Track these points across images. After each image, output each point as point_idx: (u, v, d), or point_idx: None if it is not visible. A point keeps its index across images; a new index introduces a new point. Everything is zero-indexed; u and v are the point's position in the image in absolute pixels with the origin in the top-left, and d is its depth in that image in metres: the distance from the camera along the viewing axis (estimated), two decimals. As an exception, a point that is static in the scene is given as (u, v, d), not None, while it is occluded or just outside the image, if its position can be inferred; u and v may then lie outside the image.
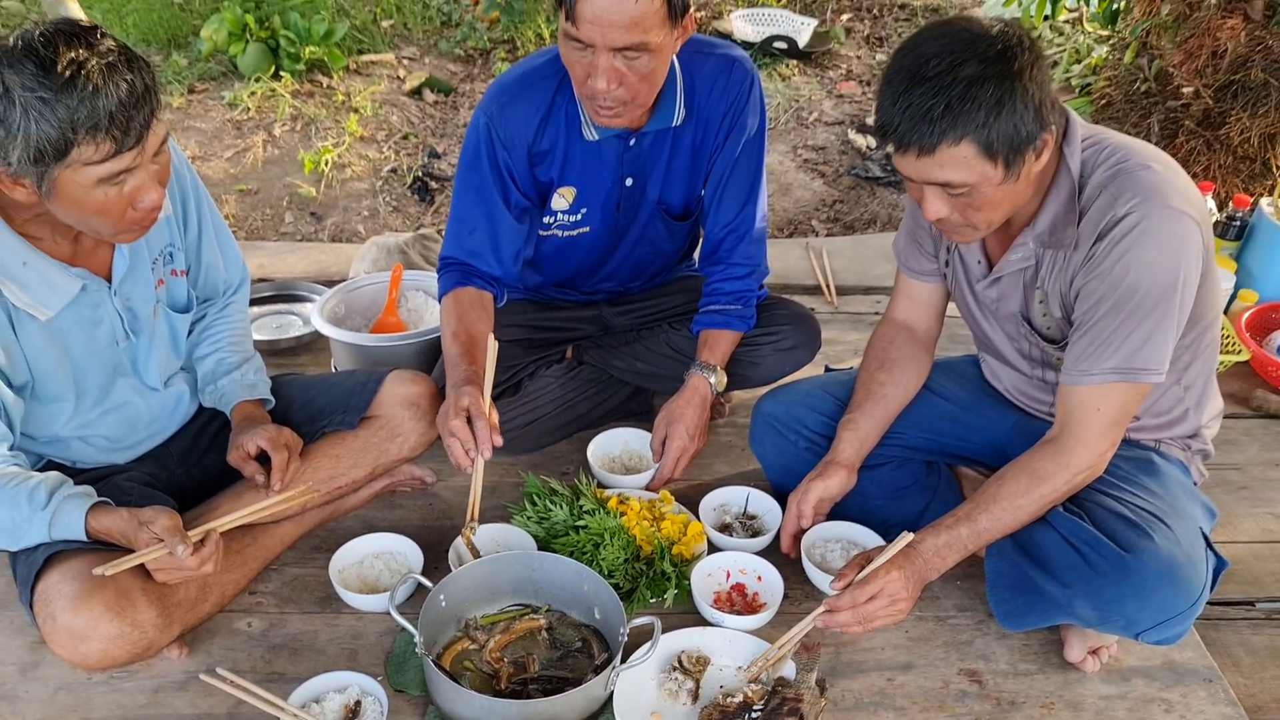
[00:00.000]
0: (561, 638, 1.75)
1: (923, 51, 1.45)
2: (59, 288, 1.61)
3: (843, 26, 5.37)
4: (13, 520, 1.59)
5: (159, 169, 1.53)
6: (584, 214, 2.07)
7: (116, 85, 1.40)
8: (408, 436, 1.99)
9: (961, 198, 1.51)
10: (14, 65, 1.37)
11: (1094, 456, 1.63)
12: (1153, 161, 1.56)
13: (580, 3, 1.65)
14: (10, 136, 1.39)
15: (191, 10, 5.07)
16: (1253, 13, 3.02)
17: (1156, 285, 1.53)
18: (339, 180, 3.88)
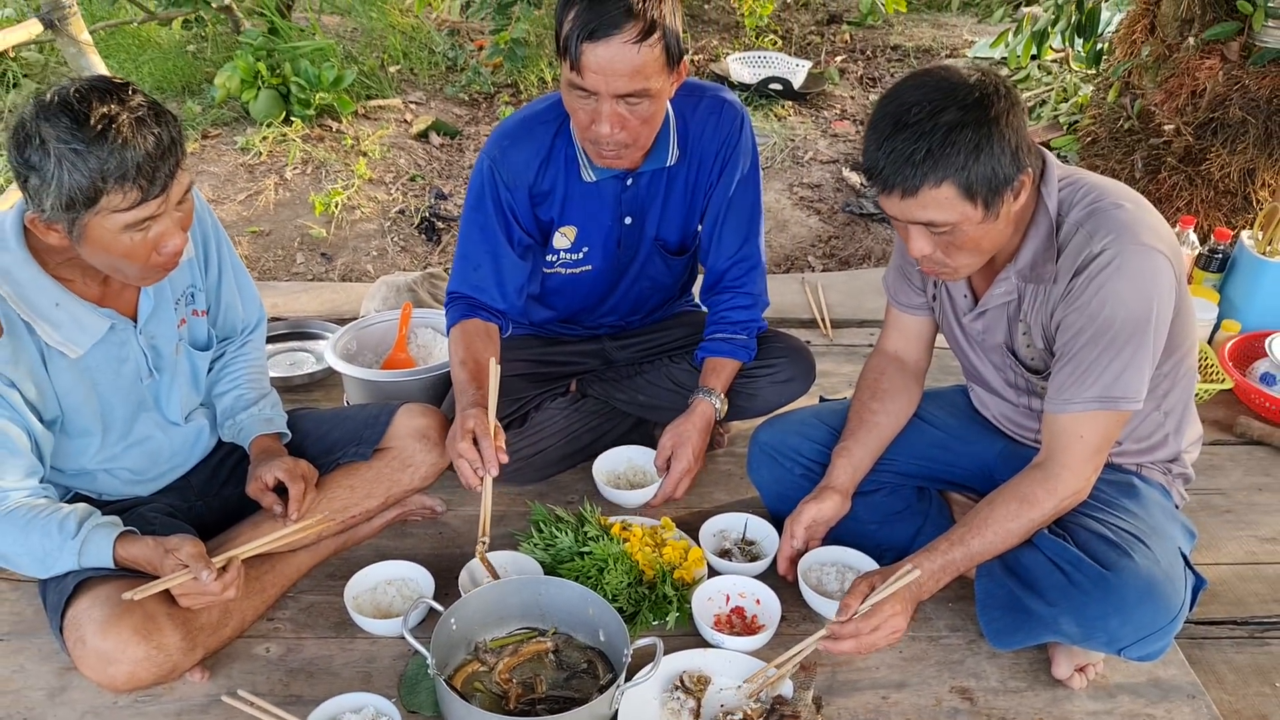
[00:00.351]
0: (568, 659, 1.81)
1: (905, 100, 1.54)
2: (88, 327, 1.70)
3: (836, 68, 5.51)
4: (44, 549, 1.67)
5: (182, 216, 1.62)
6: (585, 252, 2.16)
7: (144, 138, 1.49)
8: (419, 467, 2.06)
9: (944, 236, 1.60)
10: (50, 119, 1.47)
11: (1079, 481, 1.71)
12: (1125, 200, 1.66)
13: (584, 53, 1.75)
14: (45, 185, 1.48)
15: (205, 59, 5.22)
16: (1229, 54, 3.13)
17: (1131, 318, 1.61)
18: (348, 221, 3.99)
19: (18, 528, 1.66)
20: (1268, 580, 2.11)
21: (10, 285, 1.61)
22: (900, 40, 5.96)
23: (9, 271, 1.61)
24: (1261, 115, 3.08)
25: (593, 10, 1.74)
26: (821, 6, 6.45)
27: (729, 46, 5.71)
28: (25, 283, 1.62)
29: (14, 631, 1.90)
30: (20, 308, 1.62)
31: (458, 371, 2.04)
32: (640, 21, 1.74)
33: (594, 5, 1.74)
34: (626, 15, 1.73)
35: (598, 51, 1.75)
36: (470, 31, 5.68)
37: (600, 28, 1.73)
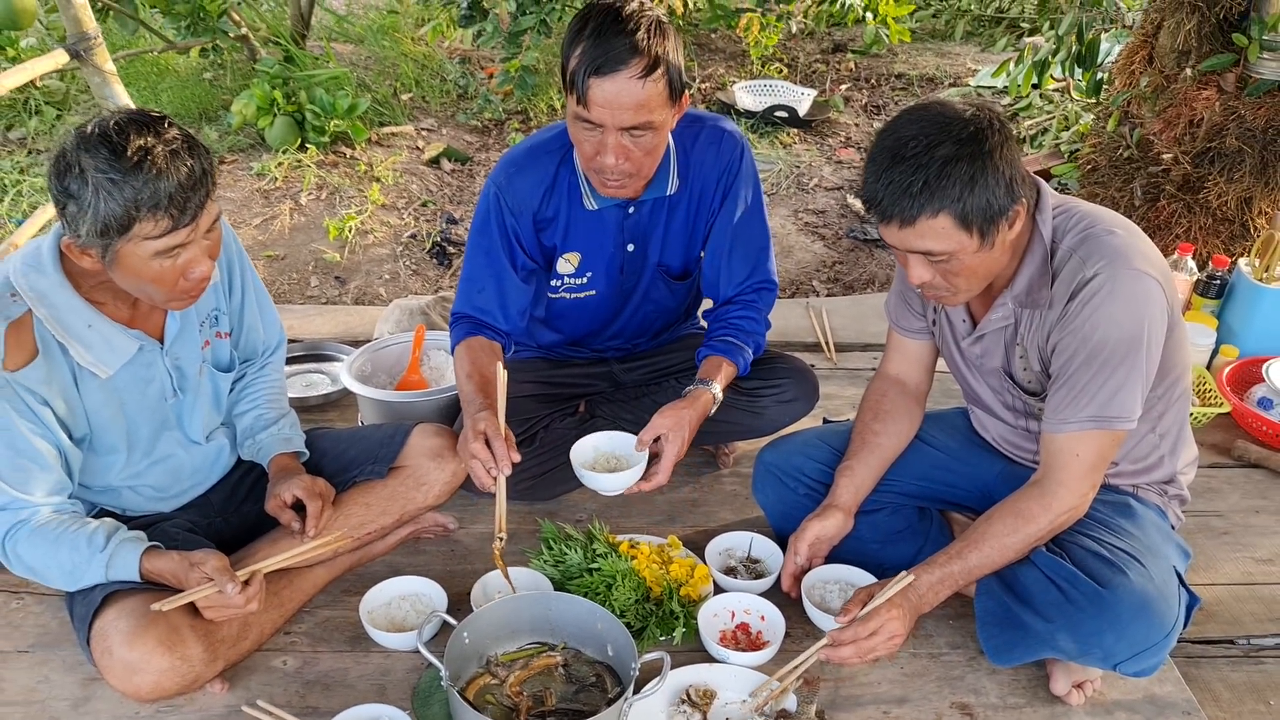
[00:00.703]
0: (577, 673, 1.86)
1: (902, 134, 1.61)
2: (118, 348, 1.76)
3: (841, 96, 5.59)
4: (73, 563, 1.73)
5: (210, 244, 1.69)
6: (589, 277, 2.23)
7: (177, 170, 1.56)
8: (432, 485, 2.11)
9: (942, 264, 1.66)
10: (90, 150, 1.54)
11: (1075, 498, 1.76)
12: (1117, 227, 1.72)
13: (591, 88, 1.82)
14: (82, 212, 1.55)
15: (222, 86, 5.33)
16: (1225, 85, 3.20)
17: (1124, 340, 1.67)
18: (362, 246, 4.07)
19: (47, 542, 1.72)
20: (1263, 600, 2.15)
21: (46, 307, 1.68)
22: (904, 69, 6.05)
23: (45, 295, 1.68)
24: (1258, 144, 3.14)
25: (599, 47, 1.81)
26: (827, 35, 6.55)
27: (735, 75, 5.80)
28: (60, 305, 1.69)
29: (39, 644, 1.95)
30: (55, 329, 1.69)
31: (464, 384, 2.08)
32: (645, 58, 1.81)
33: (600, 42, 1.81)
34: (632, 51, 1.80)
35: (604, 86, 1.82)
36: (481, 60, 5.78)
37: (606, 64, 1.80)
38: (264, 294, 2.09)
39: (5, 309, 1.66)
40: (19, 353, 1.66)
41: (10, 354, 1.65)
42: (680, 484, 2.45)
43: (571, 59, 1.85)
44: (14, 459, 1.68)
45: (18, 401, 1.67)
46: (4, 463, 1.68)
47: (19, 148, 4.83)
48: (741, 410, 2.28)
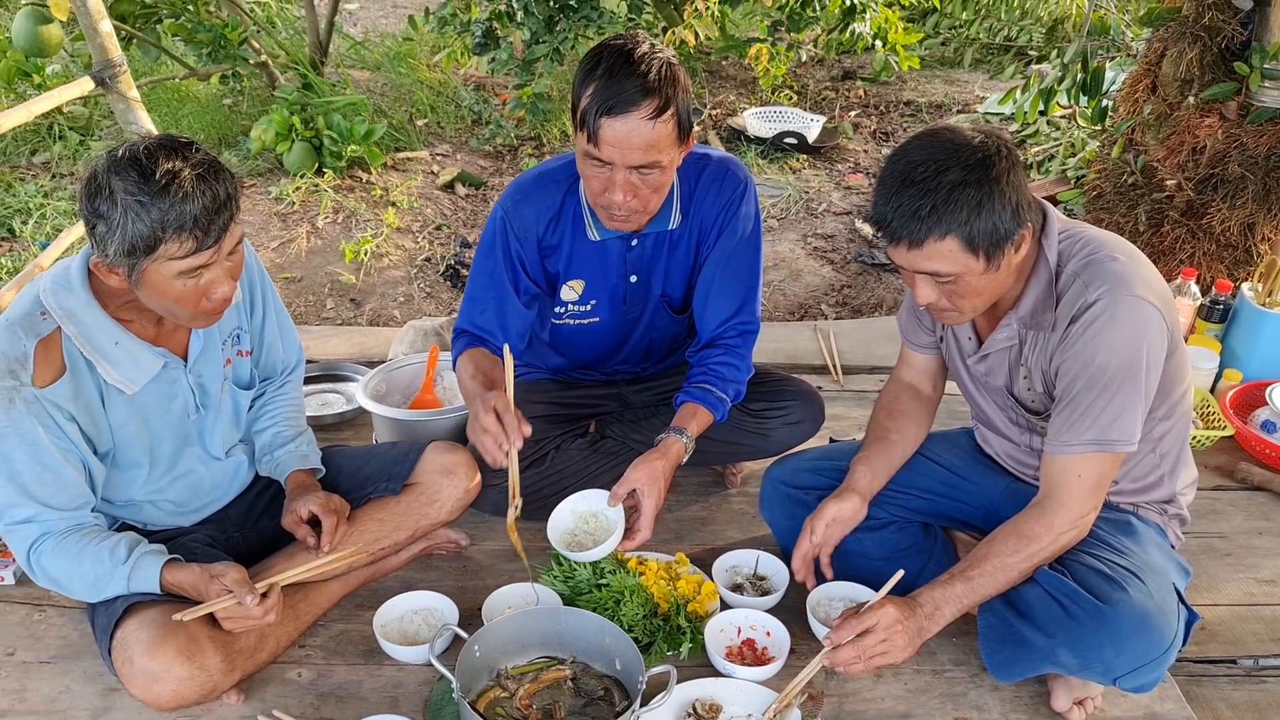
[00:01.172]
0: (585, 687, 1.89)
1: (912, 159, 1.66)
2: (144, 365, 1.82)
3: (850, 122, 5.66)
4: (95, 574, 1.77)
5: (233, 266, 1.74)
6: (593, 305, 2.27)
7: (203, 193, 1.61)
8: (445, 501, 2.16)
9: (948, 285, 1.71)
10: (120, 172, 1.60)
11: (1076, 517, 1.79)
12: (1120, 254, 1.76)
13: (602, 128, 1.86)
14: (110, 231, 1.61)
15: (241, 112, 5.43)
16: (1228, 113, 3.25)
17: (1124, 364, 1.71)
18: (377, 268, 4.14)
19: (71, 555, 1.77)
20: (1266, 621, 2.17)
21: (75, 325, 1.73)
22: (913, 96, 6.12)
23: (74, 313, 1.74)
24: (1260, 172, 3.18)
25: (611, 88, 1.85)
26: (836, 63, 6.63)
27: (746, 102, 5.88)
28: (88, 323, 1.74)
29: (60, 655, 2.00)
30: (83, 346, 1.74)
31: (468, 384, 2.08)
32: (656, 99, 1.86)
33: (612, 83, 1.85)
34: (643, 93, 1.85)
35: (615, 126, 1.86)
36: (495, 86, 5.88)
37: (618, 105, 1.85)
38: (284, 314, 2.15)
39: (35, 326, 1.72)
40: (47, 369, 1.72)
41: (39, 370, 1.71)
42: (688, 503, 2.49)
43: (583, 98, 1.89)
44: (40, 473, 1.74)
45: (45, 417, 1.72)
46: (31, 477, 1.73)
47: (43, 172, 4.93)
48: (749, 432, 2.32)
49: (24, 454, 1.72)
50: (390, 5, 8.51)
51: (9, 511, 1.75)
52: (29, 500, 1.74)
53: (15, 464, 1.73)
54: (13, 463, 1.73)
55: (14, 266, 4.05)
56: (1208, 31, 3.25)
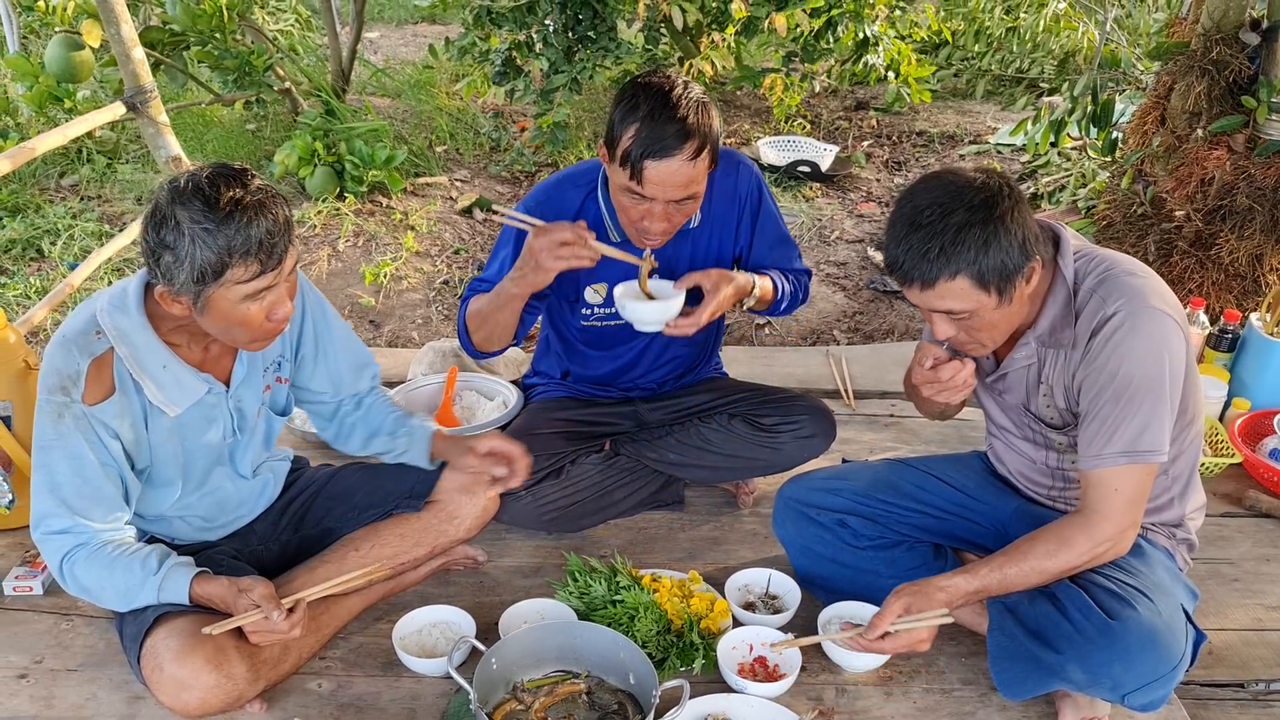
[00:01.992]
0: (600, 700, 1.93)
1: (918, 203, 1.72)
2: (188, 389, 1.86)
3: (863, 152, 5.73)
4: (127, 585, 1.82)
5: (290, 285, 1.79)
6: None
7: (264, 217, 1.66)
8: (464, 519, 2.20)
9: (964, 321, 1.77)
10: (185, 203, 1.64)
11: (1116, 530, 1.81)
12: (1136, 271, 1.82)
13: (646, 169, 1.97)
14: (178, 261, 1.65)
15: (264, 137, 5.54)
16: (1235, 145, 3.30)
17: (1147, 374, 1.75)
18: (396, 291, 4.21)
19: (103, 565, 1.82)
20: (1273, 646, 2.19)
21: (127, 346, 1.79)
22: (925, 126, 6.19)
23: (127, 334, 1.79)
24: (1267, 203, 3.23)
25: (654, 132, 1.95)
26: (850, 94, 6.71)
27: (760, 131, 5.96)
28: (140, 345, 1.80)
29: (87, 663, 2.05)
30: (133, 367, 1.80)
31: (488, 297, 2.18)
32: (695, 140, 1.97)
33: (655, 127, 1.95)
34: (683, 138, 1.95)
35: (658, 169, 1.97)
36: (514, 114, 5.98)
37: (660, 150, 1.95)
38: (347, 330, 2.18)
39: (90, 346, 1.77)
40: (98, 388, 1.78)
41: (90, 388, 1.76)
42: (701, 522, 2.53)
43: (625, 137, 1.98)
44: (81, 486, 1.79)
45: (91, 434, 1.78)
46: (71, 489, 1.79)
47: (71, 194, 5.04)
48: (761, 446, 2.37)
49: (68, 467, 1.78)
50: (411, 34, 8.67)
51: (46, 520, 1.81)
52: (67, 512, 1.79)
53: (57, 476, 1.78)
54: (55, 474, 1.78)
55: (43, 286, 4.14)
56: (1215, 65, 3.31)
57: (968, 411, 3.02)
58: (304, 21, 7.41)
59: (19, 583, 2.22)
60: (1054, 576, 1.83)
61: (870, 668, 2.02)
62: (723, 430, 2.41)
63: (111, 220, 4.77)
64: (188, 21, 4.80)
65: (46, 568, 2.23)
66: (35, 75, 4.56)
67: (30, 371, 2.36)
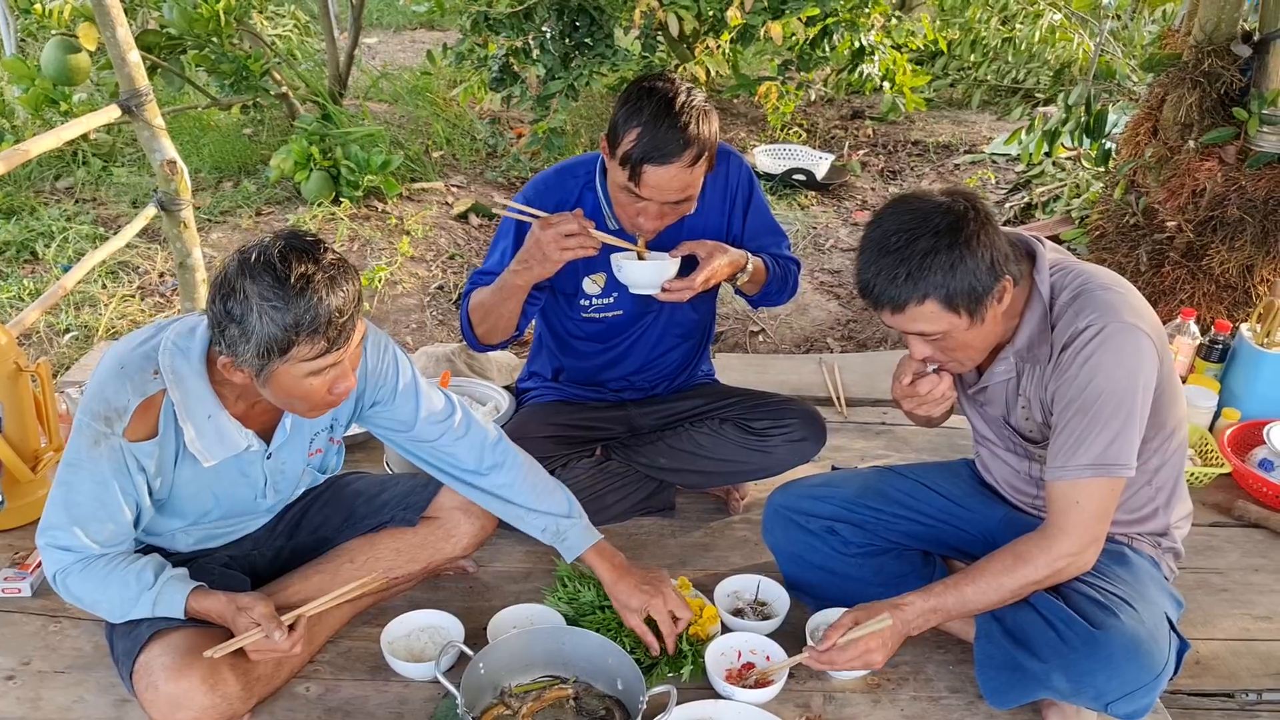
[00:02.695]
0: (588, 705, 1.93)
1: (885, 228, 1.74)
2: (229, 442, 1.82)
3: (858, 161, 5.75)
4: (121, 597, 1.81)
5: (354, 357, 1.75)
6: (616, 297, 2.37)
7: (335, 295, 1.60)
8: (461, 537, 2.18)
9: (939, 342, 1.79)
10: (254, 277, 1.59)
11: (1075, 545, 1.81)
12: (1111, 285, 1.82)
13: (645, 173, 2.00)
14: (244, 336, 1.60)
15: (260, 141, 5.55)
16: (1227, 156, 3.31)
17: (1117, 389, 1.75)
18: (391, 296, 4.22)
19: (98, 579, 1.81)
20: (1260, 656, 2.19)
21: (180, 392, 1.75)
22: (921, 135, 6.21)
23: (183, 380, 1.75)
24: (1258, 215, 3.24)
25: (656, 137, 1.98)
26: (845, 103, 6.74)
27: (756, 139, 5.98)
28: (192, 392, 1.76)
29: (75, 665, 2.04)
30: (181, 412, 1.77)
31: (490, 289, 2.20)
32: (695, 147, 2.00)
33: (656, 132, 1.97)
34: (684, 145, 1.99)
35: (657, 173, 2.00)
36: (510, 120, 5.99)
37: (661, 155, 1.98)
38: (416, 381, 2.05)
39: (144, 385, 1.74)
40: (142, 427, 1.75)
41: (134, 426, 1.74)
42: (692, 528, 2.54)
43: (626, 139, 2.01)
44: (97, 511, 1.78)
45: (121, 466, 1.76)
46: (87, 512, 1.77)
47: (66, 197, 5.04)
48: (752, 450, 2.38)
49: (89, 490, 1.76)
50: (409, 40, 8.69)
51: (52, 533, 1.79)
52: (77, 532, 1.78)
53: (76, 496, 1.77)
54: (75, 494, 1.77)
55: (36, 289, 4.14)
56: (1207, 77, 3.33)
57: (958, 420, 3.01)
58: (302, 27, 7.43)
59: (7, 584, 2.21)
60: (1015, 593, 1.84)
61: (858, 675, 2.03)
62: (714, 434, 2.43)
63: (106, 223, 4.78)
64: (185, 26, 4.81)
65: (36, 569, 2.24)
66: (31, 78, 4.57)
67: (21, 374, 2.36)
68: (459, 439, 2.06)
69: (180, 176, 3.45)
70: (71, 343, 3.89)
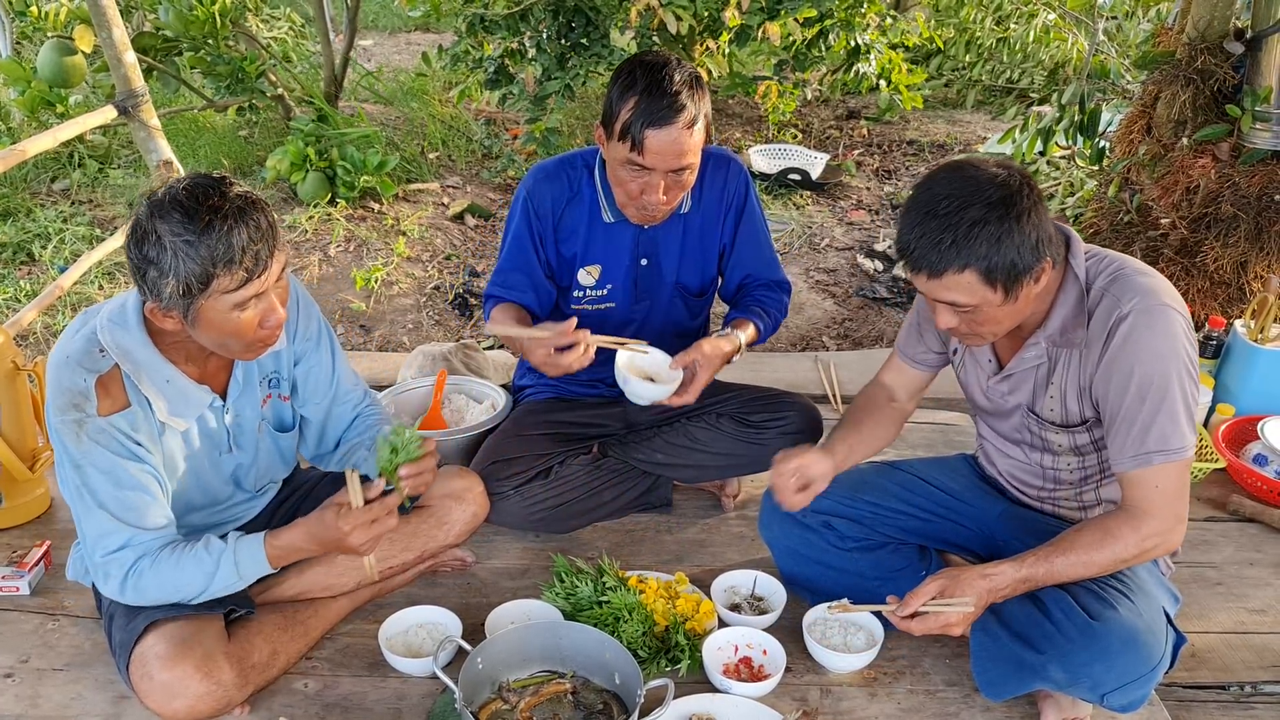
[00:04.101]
0: (585, 700, 1.93)
1: (936, 191, 1.71)
2: (194, 400, 1.85)
3: (854, 160, 5.76)
4: (200, 572, 1.81)
5: (281, 291, 1.77)
6: (609, 289, 2.40)
7: (245, 225, 1.63)
8: (454, 525, 2.21)
9: (967, 314, 1.77)
10: (164, 216, 1.62)
11: (1163, 525, 1.79)
12: (1145, 270, 1.82)
13: (647, 138, 2.07)
14: (163, 276, 1.64)
15: (256, 143, 5.55)
16: (1220, 153, 3.32)
17: (1165, 371, 1.75)
18: (387, 296, 4.22)
19: (170, 568, 1.80)
20: (1255, 649, 2.20)
21: (131, 363, 1.77)
22: (916, 135, 6.22)
23: (130, 351, 1.78)
24: (1252, 211, 3.25)
25: (653, 102, 2.05)
26: (841, 103, 6.75)
27: (751, 139, 5.99)
28: (142, 361, 1.78)
29: (73, 663, 2.05)
30: (140, 384, 1.78)
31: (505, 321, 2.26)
32: (690, 111, 2.07)
33: (653, 98, 2.05)
34: (680, 108, 2.06)
35: (659, 137, 2.06)
36: (505, 121, 6.00)
37: (660, 118, 2.05)
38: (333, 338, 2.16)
39: (94, 363, 1.76)
40: (109, 402, 1.76)
41: (101, 403, 1.75)
42: (688, 524, 2.54)
43: (624, 111, 2.07)
44: (123, 495, 1.77)
45: (114, 444, 1.76)
46: (115, 503, 1.77)
47: (62, 198, 5.04)
48: (748, 443, 2.39)
49: (103, 480, 1.76)
50: (404, 42, 8.70)
51: (103, 541, 1.79)
52: (119, 525, 1.77)
53: (98, 493, 1.77)
54: (95, 492, 1.77)
55: (33, 289, 4.14)
56: (1201, 75, 3.34)
57: (954, 416, 3.04)
58: (297, 29, 7.43)
59: (5, 583, 2.21)
60: (1102, 569, 1.81)
61: (854, 669, 2.03)
62: (710, 429, 2.44)
63: (102, 224, 4.78)
64: (181, 28, 4.82)
65: (33, 568, 2.24)
66: (27, 80, 4.58)
67: (19, 373, 2.37)
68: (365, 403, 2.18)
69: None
70: (68, 344, 3.89)
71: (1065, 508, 2.08)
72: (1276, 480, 2.67)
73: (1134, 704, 1.78)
